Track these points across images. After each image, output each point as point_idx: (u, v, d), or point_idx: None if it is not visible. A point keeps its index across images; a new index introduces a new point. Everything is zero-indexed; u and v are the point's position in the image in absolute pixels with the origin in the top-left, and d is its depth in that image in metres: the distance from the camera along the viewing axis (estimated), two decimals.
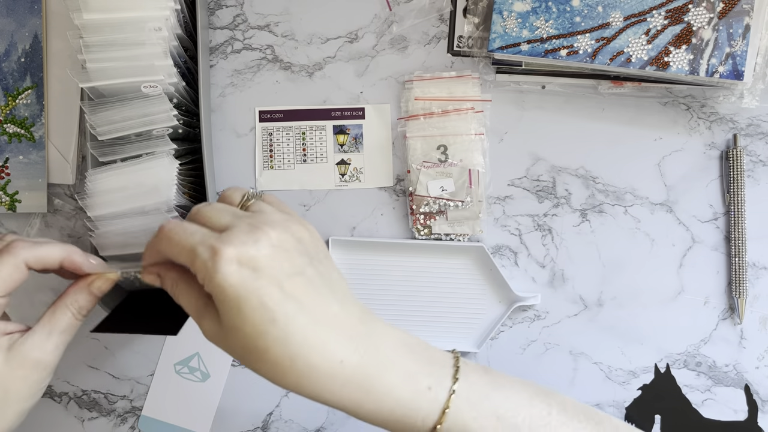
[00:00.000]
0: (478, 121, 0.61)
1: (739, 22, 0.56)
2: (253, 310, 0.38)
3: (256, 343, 0.38)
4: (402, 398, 0.40)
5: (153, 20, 0.52)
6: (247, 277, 0.38)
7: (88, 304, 0.45)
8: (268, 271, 0.38)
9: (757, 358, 0.62)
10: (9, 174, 0.63)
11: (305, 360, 0.38)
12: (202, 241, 0.39)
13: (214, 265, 0.37)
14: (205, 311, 0.41)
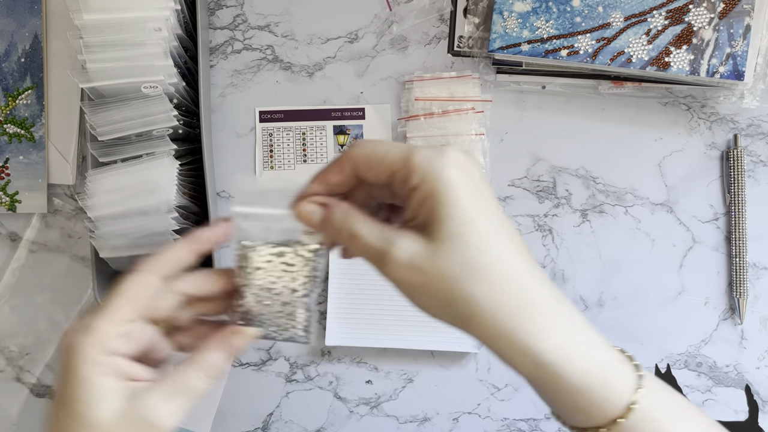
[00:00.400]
0: (479, 121, 0.61)
1: (739, 23, 0.56)
2: (482, 217, 0.34)
3: (479, 257, 0.34)
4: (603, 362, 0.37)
5: (153, 20, 0.52)
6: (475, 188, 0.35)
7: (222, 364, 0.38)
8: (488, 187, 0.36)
9: (758, 359, 0.62)
10: (9, 174, 0.63)
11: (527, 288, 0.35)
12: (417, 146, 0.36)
13: (441, 158, 0.34)
14: (396, 234, 0.35)
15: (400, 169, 0.35)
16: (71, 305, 0.64)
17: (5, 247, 0.64)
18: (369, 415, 0.63)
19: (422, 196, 0.35)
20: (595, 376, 0.36)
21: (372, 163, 0.36)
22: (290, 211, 0.38)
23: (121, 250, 0.54)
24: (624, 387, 0.37)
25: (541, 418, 0.63)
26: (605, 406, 0.36)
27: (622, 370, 0.37)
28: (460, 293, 0.34)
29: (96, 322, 0.35)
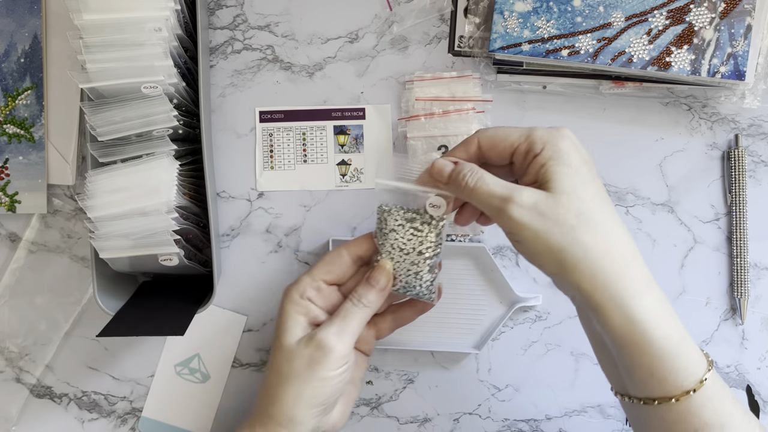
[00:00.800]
0: (479, 121, 0.61)
1: (740, 22, 0.56)
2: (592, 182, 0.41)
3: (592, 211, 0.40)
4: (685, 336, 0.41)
5: (153, 21, 0.52)
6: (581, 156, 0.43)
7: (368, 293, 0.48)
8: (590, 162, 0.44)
9: (759, 359, 0.62)
10: (9, 175, 0.63)
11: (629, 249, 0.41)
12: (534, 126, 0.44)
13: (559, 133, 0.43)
14: (519, 186, 0.42)
15: (522, 143, 0.43)
16: (71, 306, 0.64)
17: (5, 247, 0.64)
18: (369, 416, 0.63)
19: (543, 160, 0.42)
20: (677, 345, 0.40)
21: (497, 141, 0.44)
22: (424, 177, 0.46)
23: (121, 251, 0.54)
24: (698, 364, 0.41)
25: (541, 419, 0.63)
26: (680, 377, 0.40)
27: (697, 351, 0.41)
28: (575, 239, 0.39)
29: (302, 276, 0.49)
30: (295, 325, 0.47)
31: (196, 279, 0.62)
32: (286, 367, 0.46)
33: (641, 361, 0.40)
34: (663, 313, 0.41)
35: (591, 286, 0.40)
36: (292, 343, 0.47)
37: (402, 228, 0.48)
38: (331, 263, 0.49)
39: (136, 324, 0.55)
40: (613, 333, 0.40)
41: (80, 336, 0.64)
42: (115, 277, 0.59)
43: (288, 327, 0.47)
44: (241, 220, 0.64)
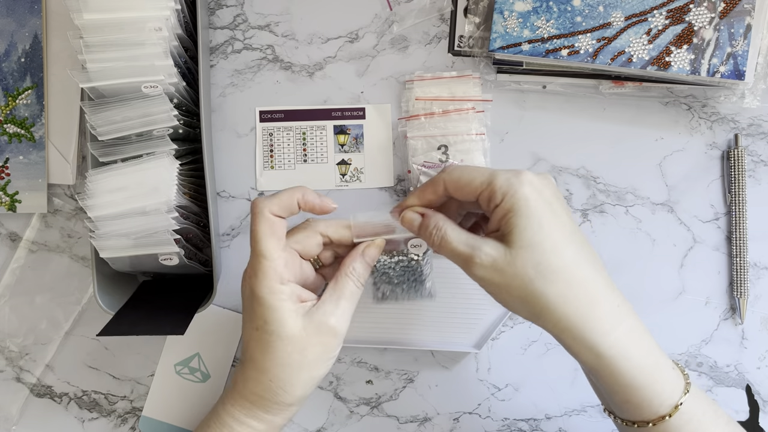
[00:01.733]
0: (479, 121, 0.61)
1: (740, 22, 0.56)
2: (554, 228, 0.41)
3: (551, 260, 0.40)
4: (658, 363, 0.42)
5: (153, 20, 0.52)
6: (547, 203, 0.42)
7: (364, 271, 0.48)
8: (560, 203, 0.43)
9: (759, 359, 0.62)
10: (9, 174, 0.63)
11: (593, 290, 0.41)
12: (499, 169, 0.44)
13: (518, 180, 0.42)
14: (481, 242, 0.43)
15: (484, 190, 0.43)
16: (71, 305, 0.64)
17: (5, 247, 0.64)
18: (369, 415, 0.63)
19: (503, 212, 0.42)
20: (648, 374, 0.42)
21: (461, 186, 0.44)
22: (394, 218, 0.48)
23: (121, 250, 0.54)
24: (673, 389, 0.42)
25: (541, 419, 0.63)
26: (654, 403, 0.42)
27: (673, 375, 0.43)
28: (534, 291, 0.41)
29: (260, 263, 0.45)
30: (287, 313, 0.45)
31: (197, 278, 0.62)
32: (298, 358, 0.45)
33: (616, 389, 0.42)
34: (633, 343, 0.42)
35: (557, 330, 0.42)
36: (296, 332, 0.45)
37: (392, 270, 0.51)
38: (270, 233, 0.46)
39: (136, 323, 0.55)
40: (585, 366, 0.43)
41: (80, 335, 0.64)
42: (116, 277, 0.59)
43: (283, 318, 0.45)
44: (241, 219, 0.64)
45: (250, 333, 0.47)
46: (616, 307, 0.42)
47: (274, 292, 0.45)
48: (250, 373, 0.47)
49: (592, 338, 0.41)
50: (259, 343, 0.46)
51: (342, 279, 0.48)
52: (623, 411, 0.44)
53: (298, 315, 0.46)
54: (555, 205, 0.43)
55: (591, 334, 0.41)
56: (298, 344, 0.45)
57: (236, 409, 0.48)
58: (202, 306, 0.57)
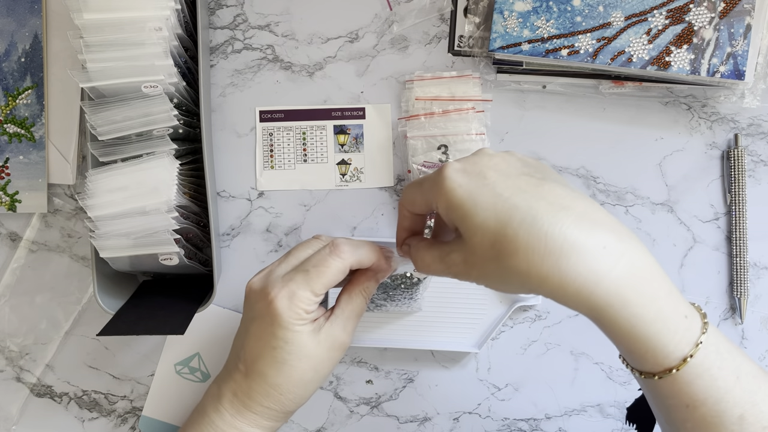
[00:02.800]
0: (479, 120, 0.61)
1: (740, 22, 0.56)
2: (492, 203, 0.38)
3: (502, 235, 0.37)
4: (664, 312, 0.37)
5: (153, 20, 0.52)
6: (475, 180, 0.39)
7: (374, 290, 0.50)
8: (494, 172, 0.40)
9: (759, 358, 0.62)
10: (9, 174, 0.63)
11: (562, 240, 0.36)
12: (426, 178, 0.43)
13: (440, 175, 0.40)
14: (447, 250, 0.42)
15: (425, 208, 0.44)
16: (71, 305, 0.64)
17: (5, 246, 0.64)
18: (369, 415, 0.63)
19: (443, 215, 0.41)
20: (650, 323, 0.37)
21: (414, 208, 0.45)
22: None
23: (121, 250, 0.54)
24: (681, 340, 0.37)
25: (541, 418, 0.63)
26: (658, 355, 0.37)
27: (684, 324, 0.37)
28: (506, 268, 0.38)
29: (303, 293, 0.45)
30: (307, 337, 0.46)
31: (197, 278, 0.62)
32: (312, 375, 0.47)
33: (616, 339, 0.39)
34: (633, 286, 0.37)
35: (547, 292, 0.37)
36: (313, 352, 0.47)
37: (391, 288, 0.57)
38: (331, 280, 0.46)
39: (136, 323, 0.55)
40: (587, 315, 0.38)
41: (80, 335, 0.64)
42: (116, 277, 0.59)
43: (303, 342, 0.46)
44: (241, 219, 0.64)
45: (262, 349, 0.47)
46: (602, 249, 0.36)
47: (300, 320, 0.46)
48: (258, 388, 0.47)
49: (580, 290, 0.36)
50: (275, 361, 0.46)
51: (355, 296, 0.49)
52: (630, 359, 0.39)
53: (314, 334, 0.47)
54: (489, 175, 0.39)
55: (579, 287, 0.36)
56: (314, 362, 0.47)
57: (238, 421, 0.48)
58: (202, 306, 0.57)
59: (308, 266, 0.46)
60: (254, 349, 0.47)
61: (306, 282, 0.46)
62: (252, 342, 0.47)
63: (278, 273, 0.47)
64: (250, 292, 0.48)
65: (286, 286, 0.46)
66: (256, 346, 0.47)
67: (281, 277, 0.47)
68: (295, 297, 0.45)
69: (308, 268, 0.46)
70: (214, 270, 0.58)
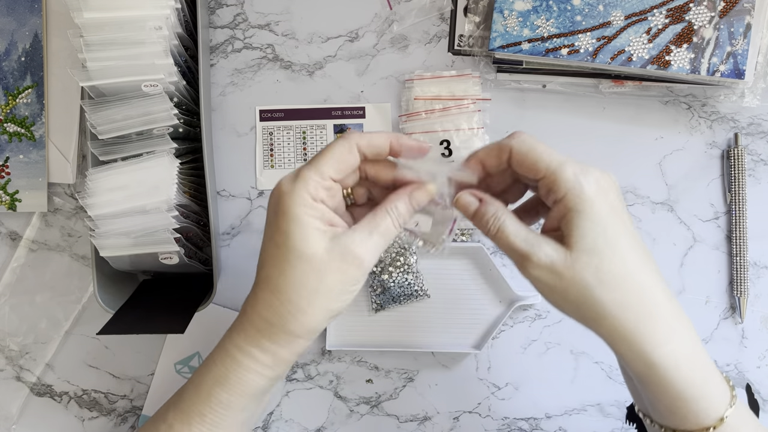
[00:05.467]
0: (479, 118, 0.61)
1: (740, 21, 0.56)
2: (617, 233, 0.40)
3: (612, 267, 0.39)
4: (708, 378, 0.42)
5: (153, 19, 0.52)
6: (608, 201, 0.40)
7: (406, 213, 0.44)
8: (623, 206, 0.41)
9: (759, 358, 0.62)
10: (9, 173, 0.63)
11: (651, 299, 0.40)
12: (570, 159, 0.41)
13: (585, 178, 0.40)
14: (540, 240, 0.41)
15: (548, 176, 0.40)
16: (71, 304, 0.64)
17: (5, 245, 0.64)
18: (369, 414, 0.63)
19: (564, 209, 0.40)
20: (697, 387, 0.41)
21: (526, 162, 0.41)
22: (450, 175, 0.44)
23: (121, 249, 0.54)
24: (719, 402, 0.42)
25: (541, 418, 0.63)
26: (701, 416, 0.41)
27: (721, 389, 0.42)
28: (592, 298, 0.40)
29: (307, 172, 0.41)
30: (314, 232, 0.41)
31: (197, 277, 0.62)
32: (315, 281, 0.41)
33: (662, 399, 0.42)
34: (686, 356, 0.41)
35: (611, 339, 0.41)
36: (318, 254, 0.41)
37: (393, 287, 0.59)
38: (341, 160, 0.42)
39: (136, 322, 0.55)
40: (634, 374, 0.42)
41: (80, 334, 0.64)
42: (116, 276, 0.59)
43: (307, 235, 0.41)
44: (241, 218, 0.64)
45: (268, 250, 0.42)
46: (672, 318, 0.41)
47: (304, 206, 0.41)
48: (261, 294, 0.43)
49: (645, 348, 0.40)
50: (277, 260, 0.42)
51: (381, 213, 0.43)
52: (664, 418, 0.43)
53: (325, 236, 0.41)
54: (618, 208, 0.41)
55: (645, 345, 0.40)
56: (318, 266, 0.41)
57: (240, 338, 0.43)
58: (202, 305, 0.57)
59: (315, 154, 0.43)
60: (263, 253, 0.43)
61: (312, 163, 0.42)
62: (262, 247, 0.43)
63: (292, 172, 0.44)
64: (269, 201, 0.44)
65: (292, 173, 0.42)
66: (265, 248, 0.43)
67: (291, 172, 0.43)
68: (299, 177, 0.41)
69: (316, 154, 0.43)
70: (214, 269, 0.58)
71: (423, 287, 0.61)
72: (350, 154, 0.43)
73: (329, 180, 0.42)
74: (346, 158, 0.43)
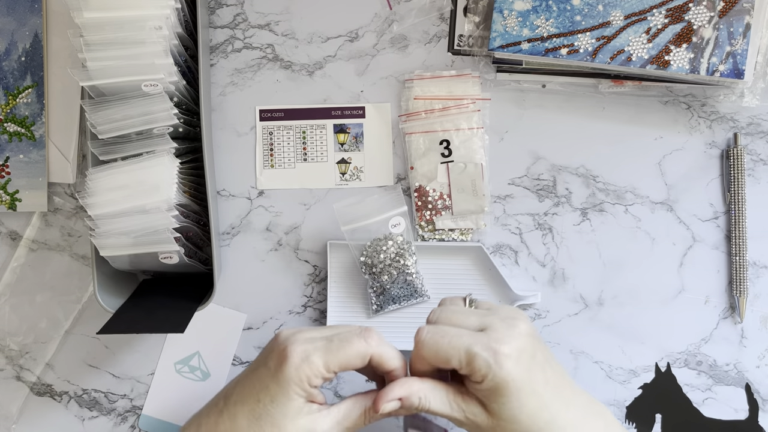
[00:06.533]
0: (479, 118, 0.61)
1: (739, 21, 0.56)
2: (528, 399, 0.44)
3: (531, 428, 0.44)
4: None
5: (153, 19, 0.52)
6: (522, 370, 0.44)
7: (378, 418, 0.47)
8: (532, 362, 0.44)
9: (758, 357, 0.62)
10: (9, 173, 0.63)
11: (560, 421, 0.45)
12: (476, 342, 0.44)
13: (497, 362, 0.43)
14: (466, 406, 0.45)
15: (463, 369, 0.44)
16: (71, 304, 0.64)
17: (5, 245, 0.64)
18: None
19: (483, 390, 0.44)
20: None
21: (440, 362, 0.45)
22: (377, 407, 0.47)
23: (121, 249, 0.54)
24: None
25: None
26: None
27: None
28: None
29: (318, 361, 0.45)
30: (295, 410, 0.45)
31: (196, 277, 0.62)
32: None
33: None
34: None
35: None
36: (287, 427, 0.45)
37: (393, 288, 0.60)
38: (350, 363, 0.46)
39: (136, 322, 0.55)
40: None
41: (80, 334, 0.64)
42: (116, 275, 0.59)
43: (287, 412, 0.45)
44: (241, 218, 0.64)
45: (248, 396, 0.46)
46: None
47: (299, 387, 0.45)
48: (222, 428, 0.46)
49: None
50: (252, 413, 0.45)
51: (356, 409, 0.47)
52: None
53: (301, 414, 0.45)
54: (531, 367, 0.44)
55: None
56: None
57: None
58: (202, 305, 0.57)
59: (333, 337, 0.46)
60: (242, 392, 0.47)
61: (325, 350, 0.45)
62: (245, 384, 0.47)
63: (307, 335, 0.47)
64: (273, 340, 0.47)
65: (305, 346, 0.45)
66: (246, 390, 0.46)
67: (306, 338, 0.46)
68: (308, 361, 0.45)
69: (332, 338, 0.46)
70: (214, 269, 0.58)
71: (423, 288, 0.61)
72: (361, 361, 0.46)
73: (332, 373, 0.46)
74: (354, 363, 0.46)
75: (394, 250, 0.58)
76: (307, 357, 0.45)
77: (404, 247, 0.59)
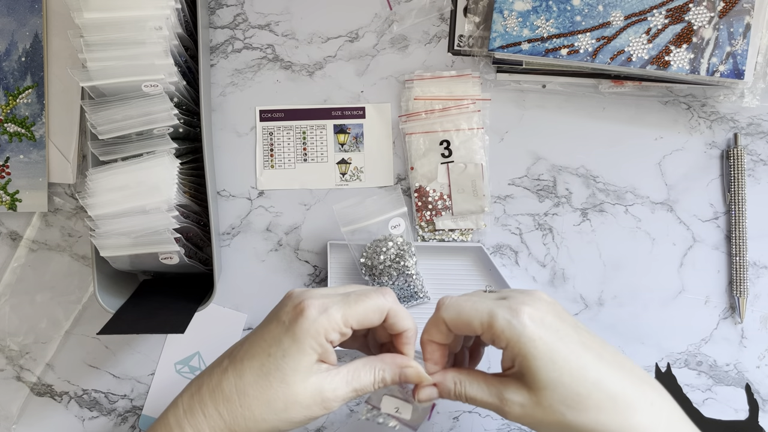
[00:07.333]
0: (479, 118, 0.61)
1: (739, 21, 0.56)
2: (566, 360, 0.42)
3: (574, 391, 0.41)
4: None
5: (154, 19, 0.52)
6: (549, 330, 0.42)
7: (390, 383, 0.46)
8: (561, 323, 0.43)
9: (758, 357, 0.62)
10: (9, 173, 0.63)
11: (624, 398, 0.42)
12: (498, 305, 0.43)
13: (520, 321, 0.42)
14: (504, 388, 0.43)
15: (485, 332, 0.43)
16: (72, 304, 0.64)
17: (6, 246, 0.64)
18: None
19: (511, 356, 0.43)
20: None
21: (460, 326, 0.44)
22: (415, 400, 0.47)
23: (121, 249, 0.54)
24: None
25: None
26: None
27: None
28: (570, 423, 0.42)
29: (336, 314, 0.44)
30: (307, 366, 0.43)
31: (197, 277, 0.62)
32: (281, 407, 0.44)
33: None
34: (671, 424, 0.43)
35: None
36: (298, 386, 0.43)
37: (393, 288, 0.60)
38: (368, 318, 0.45)
39: (136, 322, 0.55)
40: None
41: (81, 334, 0.64)
42: (116, 276, 0.59)
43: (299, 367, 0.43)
44: (241, 218, 0.64)
45: (258, 351, 0.44)
46: (651, 406, 0.43)
47: (314, 341, 0.43)
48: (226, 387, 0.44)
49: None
50: (261, 368, 0.44)
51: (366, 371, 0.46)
52: None
53: (311, 372, 0.44)
54: (560, 328, 0.43)
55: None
56: (291, 396, 0.43)
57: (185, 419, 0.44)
58: (202, 305, 0.57)
59: (350, 293, 0.46)
60: (251, 349, 0.45)
61: (343, 304, 0.44)
62: (253, 341, 0.45)
63: (323, 291, 0.46)
64: (286, 298, 0.46)
65: (323, 300, 0.44)
66: (255, 345, 0.45)
67: (323, 293, 0.45)
68: (326, 313, 0.43)
69: (350, 294, 0.45)
70: (215, 269, 0.58)
71: (423, 289, 0.61)
72: (380, 316, 0.45)
73: (349, 329, 0.44)
74: (372, 318, 0.45)
75: (394, 251, 0.58)
76: (326, 309, 0.44)
77: (404, 248, 0.59)
